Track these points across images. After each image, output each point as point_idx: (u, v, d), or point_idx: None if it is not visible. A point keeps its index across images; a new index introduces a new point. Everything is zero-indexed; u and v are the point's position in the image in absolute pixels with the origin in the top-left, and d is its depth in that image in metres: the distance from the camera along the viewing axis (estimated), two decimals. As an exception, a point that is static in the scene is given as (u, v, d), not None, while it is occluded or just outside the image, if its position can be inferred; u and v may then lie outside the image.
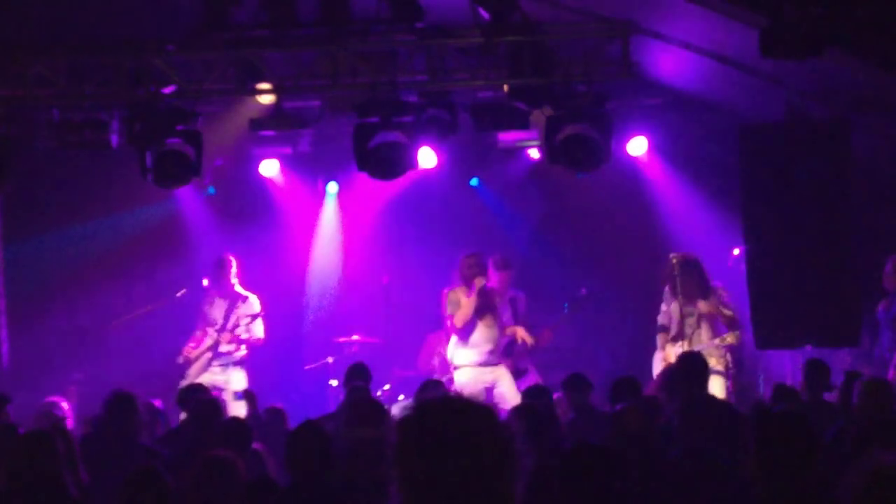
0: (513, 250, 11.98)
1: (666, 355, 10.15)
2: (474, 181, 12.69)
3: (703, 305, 10.10)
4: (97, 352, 11.90)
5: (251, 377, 10.99)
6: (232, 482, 5.13)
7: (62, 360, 11.91)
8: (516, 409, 6.83)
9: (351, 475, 5.68)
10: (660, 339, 10.38)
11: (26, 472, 5.42)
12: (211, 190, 11.95)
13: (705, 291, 10.13)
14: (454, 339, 10.44)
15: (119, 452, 6.63)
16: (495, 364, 10.37)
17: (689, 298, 10.07)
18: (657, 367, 10.18)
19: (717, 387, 9.27)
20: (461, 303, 10.26)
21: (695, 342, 10.00)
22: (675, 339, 10.17)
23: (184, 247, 12.44)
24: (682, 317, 10.05)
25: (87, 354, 11.89)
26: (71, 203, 12.22)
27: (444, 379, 9.99)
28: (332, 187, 12.53)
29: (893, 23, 7.91)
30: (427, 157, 11.07)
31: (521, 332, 10.69)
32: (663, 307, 10.40)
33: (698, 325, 10.14)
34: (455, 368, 10.42)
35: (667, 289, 10.36)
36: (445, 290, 10.46)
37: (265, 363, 12.36)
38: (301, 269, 12.58)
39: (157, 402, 8.73)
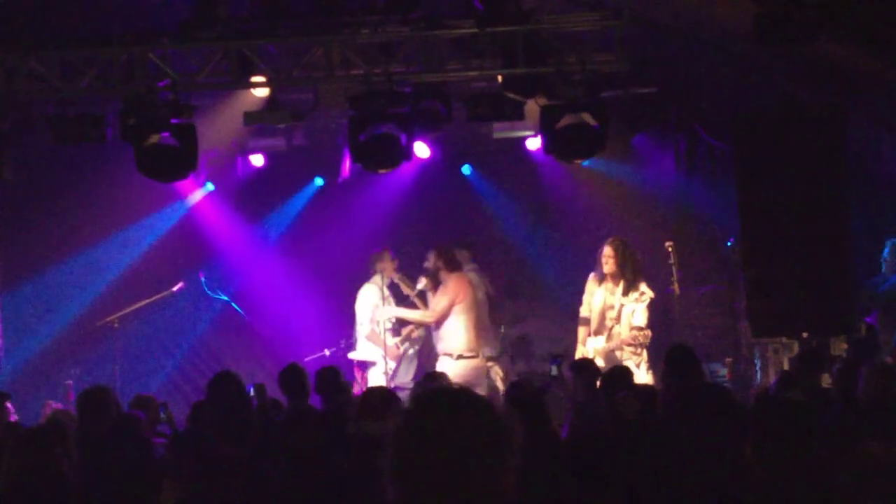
0: (508, 240, 11.94)
1: (585, 351, 9.95)
2: (466, 169, 12.70)
3: (626, 299, 9.87)
4: (93, 348, 11.86)
5: (250, 368, 11.00)
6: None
7: (57, 357, 11.86)
8: (505, 398, 6.82)
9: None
10: (581, 332, 10.18)
11: (27, 467, 5.41)
12: (210, 185, 11.90)
13: (633, 284, 9.89)
14: None
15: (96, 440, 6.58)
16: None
17: (612, 290, 9.91)
18: None
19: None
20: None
21: (614, 337, 9.82)
22: (596, 333, 9.99)
23: (183, 241, 12.42)
24: (604, 310, 9.90)
25: (82, 351, 11.85)
26: (65, 200, 12.19)
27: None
28: (318, 181, 12.51)
29: (888, 7, 7.90)
30: (422, 149, 11.06)
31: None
32: (585, 297, 10.21)
33: (618, 320, 9.91)
34: None
35: (591, 277, 10.15)
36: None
37: (264, 355, 12.38)
38: (300, 261, 12.56)
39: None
